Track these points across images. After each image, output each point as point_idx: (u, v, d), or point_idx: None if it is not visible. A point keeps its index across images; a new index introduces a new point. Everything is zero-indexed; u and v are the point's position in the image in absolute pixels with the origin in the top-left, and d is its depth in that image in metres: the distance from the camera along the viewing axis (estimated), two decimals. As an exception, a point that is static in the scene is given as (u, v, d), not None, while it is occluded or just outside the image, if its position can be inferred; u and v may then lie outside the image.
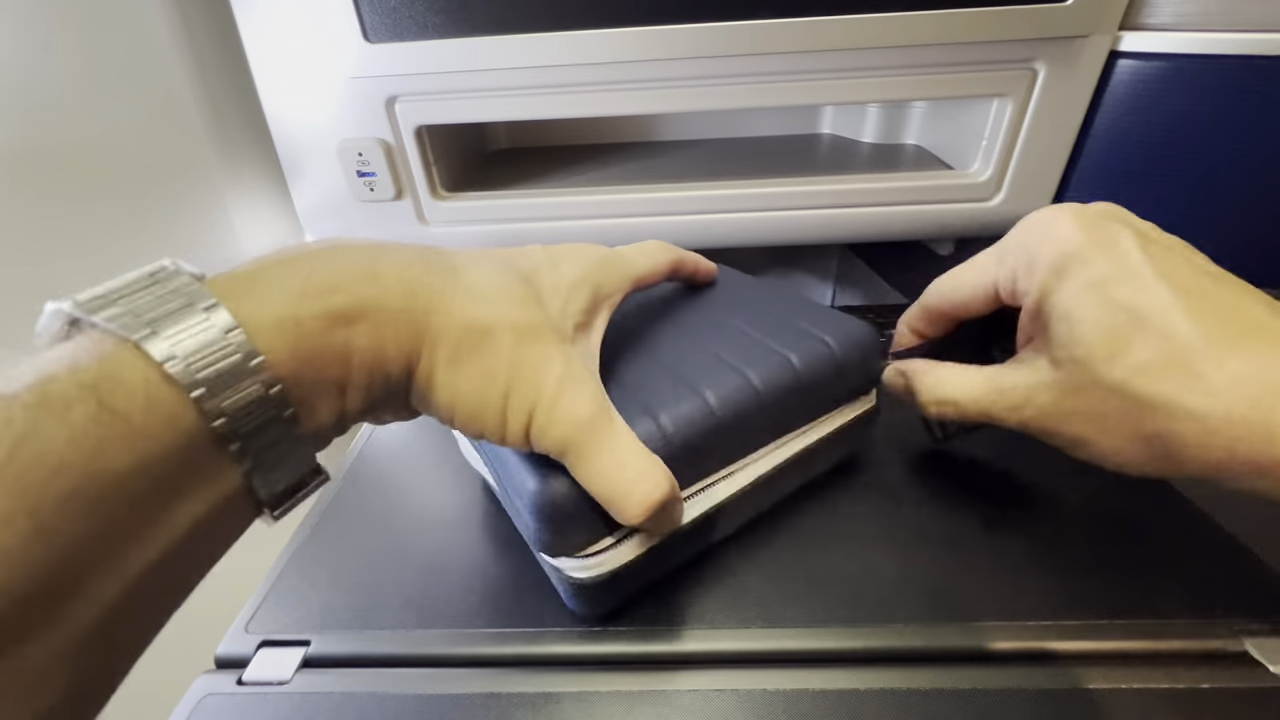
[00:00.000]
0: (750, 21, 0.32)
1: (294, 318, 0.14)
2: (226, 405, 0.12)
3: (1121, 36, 0.32)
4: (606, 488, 0.18)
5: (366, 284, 0.15)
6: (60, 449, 0.11)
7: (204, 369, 0.12)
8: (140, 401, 0.12)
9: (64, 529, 0.11)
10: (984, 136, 0.37)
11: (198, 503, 0.13)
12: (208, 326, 0.13)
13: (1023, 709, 0.19)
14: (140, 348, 0.12)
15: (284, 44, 0.34)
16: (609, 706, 0.20)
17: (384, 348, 0.15)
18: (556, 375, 0.17)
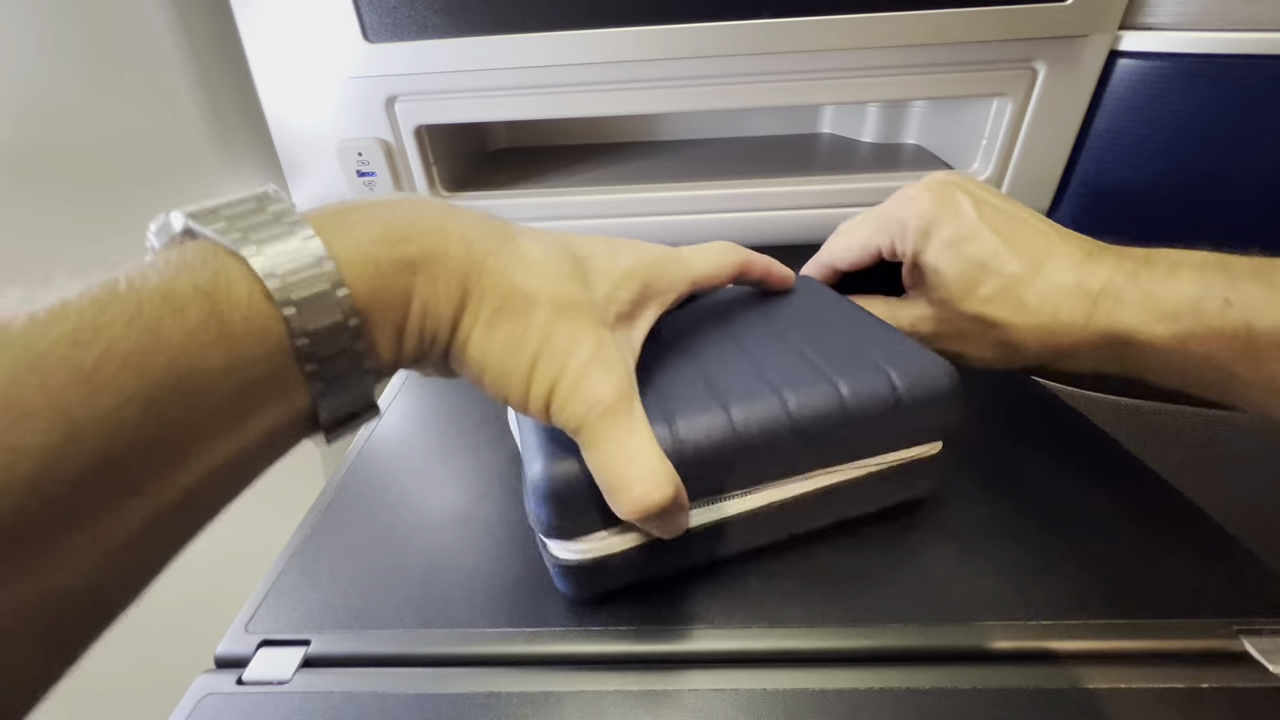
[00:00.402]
0: (750, 21, 0.32)
1: (374, 259, 0.15)
2: (311, 327, 0.14)
3: (1121, 36, 0.32)
4: (609, 477, 0.18)
5: (434, 237, 0.16)
6: (177, 341, 0.12)
7: (298, 290, 0.13)
8: (243, 310, 0.13)
9: (168, 414, 0.12)
10: (984, 136, 0.37)
11: (272, 412, 0.14)
12: (305, 253, 0.14)
13: (1022, 709, 0.19)
14: (247, 262, 0.13)
15: (284, 44, 0.34)
16: (609, 706, 0.20)
17: (438, 297, 0.16)
18: (585, 355, 0.18)
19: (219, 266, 0.13)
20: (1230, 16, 0.30)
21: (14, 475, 0.10)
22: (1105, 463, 0.29)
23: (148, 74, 0.35)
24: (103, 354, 0.11)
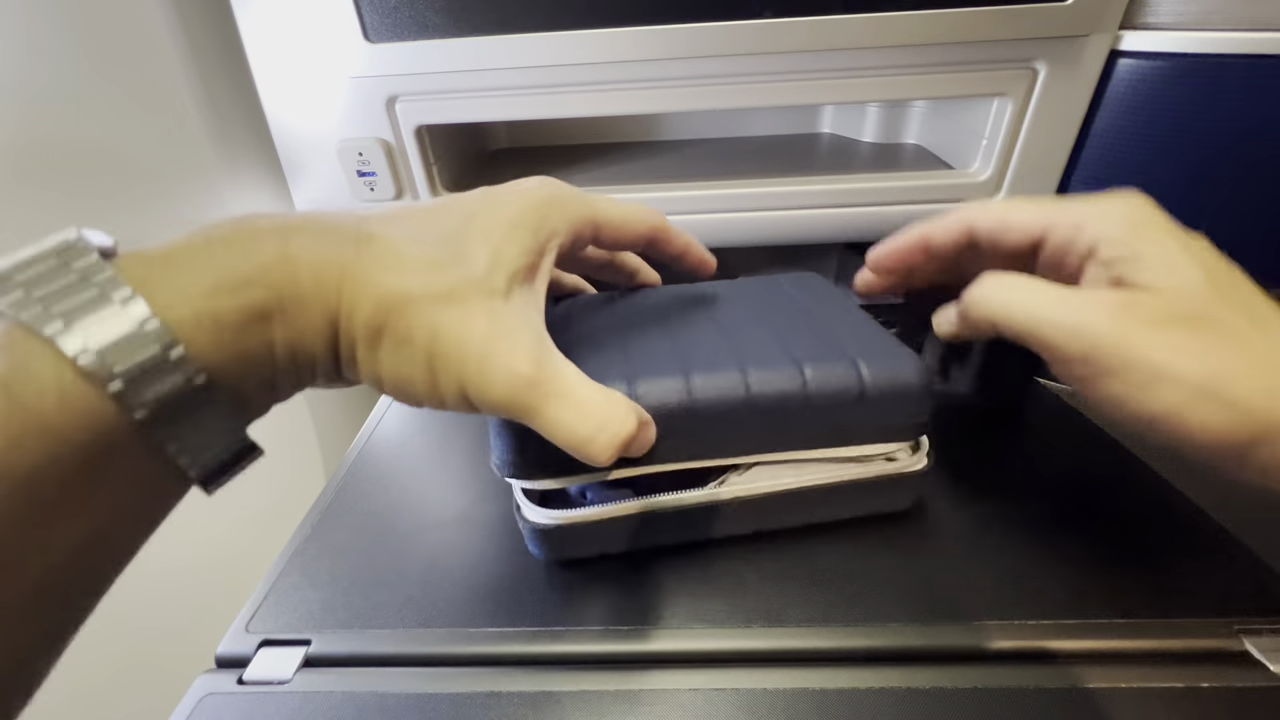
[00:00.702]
0: (750, 21, 0.32)
1: (211, 314, 0.13)
2: (148, 397, 0.12)
3: (1122, 36, 0.32)
4: (568, 439, 0.17)
5: (279, 271, 0.14)
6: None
7: (121, 362, 0.12)
8: (53, 398, 0.11)
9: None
10: (984, 136, 0.37)
11: (123, 485, 0.13)
12: (124, 318, 0.12)
13: (1023, 708, 0.19)
14: (52, 343, 0.12)
15: (284, 44, 0.34)
16: (609, 706, 0.20)
17: (303, 338, 0.15)
18: (480, 335, 0.16)
19: (15, 351, 0.11)
20: (1232, 16, 0.30)
21: None
22: (1106, 463, 0.29)
23: (148, 74, 0.35)
24: None
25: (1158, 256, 0.19)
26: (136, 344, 0.12)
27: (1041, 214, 0.22)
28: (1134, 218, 0.20)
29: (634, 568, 0.24)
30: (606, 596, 0.23)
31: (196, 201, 0.38)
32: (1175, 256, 0.19)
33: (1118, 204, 0.21)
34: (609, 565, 0.24)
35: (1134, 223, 0.20)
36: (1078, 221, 0.21)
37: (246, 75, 0.36)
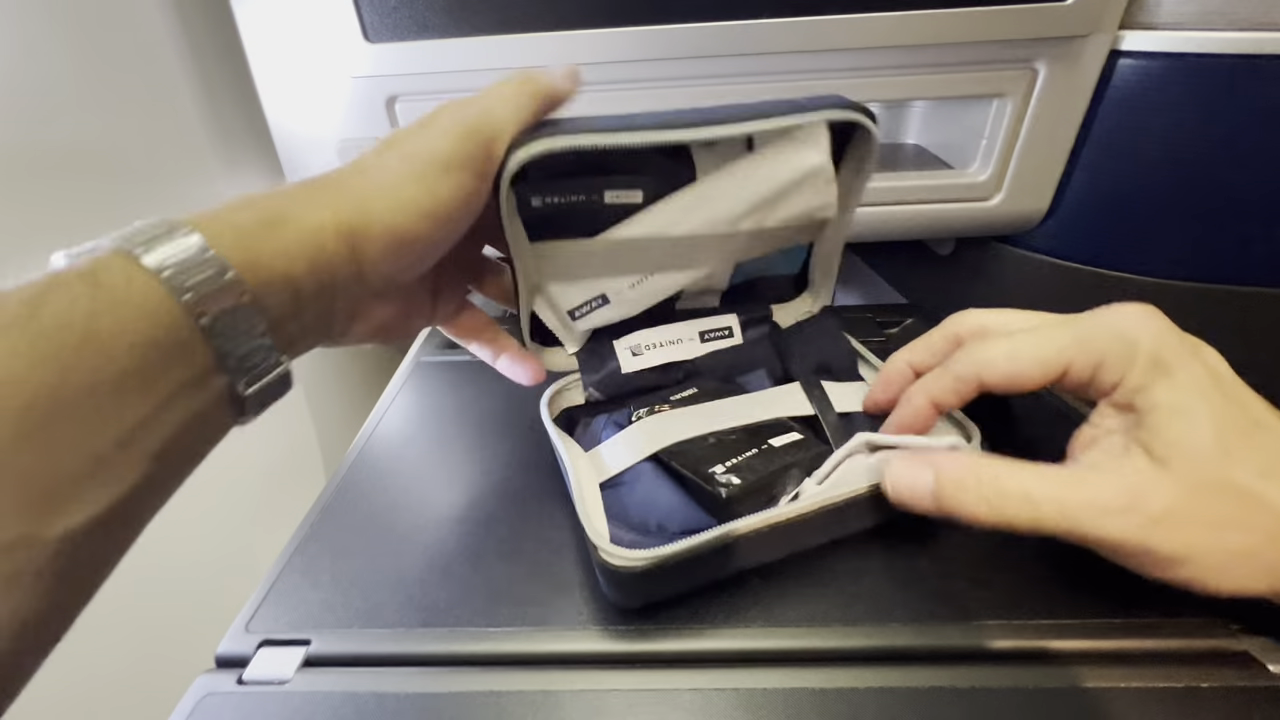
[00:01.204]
0: (750, 21, 0.32)
1: (249, 235, 0.17)
2: (211, 307, 0.15)
3: (1122, 36, 0.32)
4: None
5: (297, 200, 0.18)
6: (65, 312, 0.13)
7: (190, 278, 0.15)
8: (121, 280, 0.14)
9: (76, 368, 0.13)
10: (984, 136, 0.37)
11: (188, 400, 0.15)
12: (187, 245, 0.15)
13: (1022, 708, 0.19)
14: (138, 260, 0.15)
15: (284, 44, 0.34)
16: (609, 705, 0.20)
17: (316, 235, 0.18)
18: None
19: (114, 266, 0.14)
20: (1232, 16, 0.30)
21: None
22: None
23: (147, 74, 0.35)
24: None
25: (1169, 413, 0.19)
26: (199, 265, 0.15)
27: (1055, 355, 0.21)
28: (1148, 352, 0.20)
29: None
30: (606, 597, 0.23)
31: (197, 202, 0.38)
32: (1184, 411, 0.19)
33: (1131, 335, 0.20)
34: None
35: (1148, 361, 0.20)
36: (1096, 360, 0.20)
37: (246, 75, 0.36)
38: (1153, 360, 0.19)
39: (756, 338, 0.32)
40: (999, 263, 0.41)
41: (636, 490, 0.24)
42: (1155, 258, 0.36)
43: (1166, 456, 0.19)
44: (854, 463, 0.23)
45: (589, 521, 0.21)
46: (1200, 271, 0.35)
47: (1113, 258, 0.37)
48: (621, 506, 0.24)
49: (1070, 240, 0.38)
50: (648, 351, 0.30)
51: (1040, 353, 0.21)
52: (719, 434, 0.25)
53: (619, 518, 0.23)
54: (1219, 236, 0.34)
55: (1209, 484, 0.18)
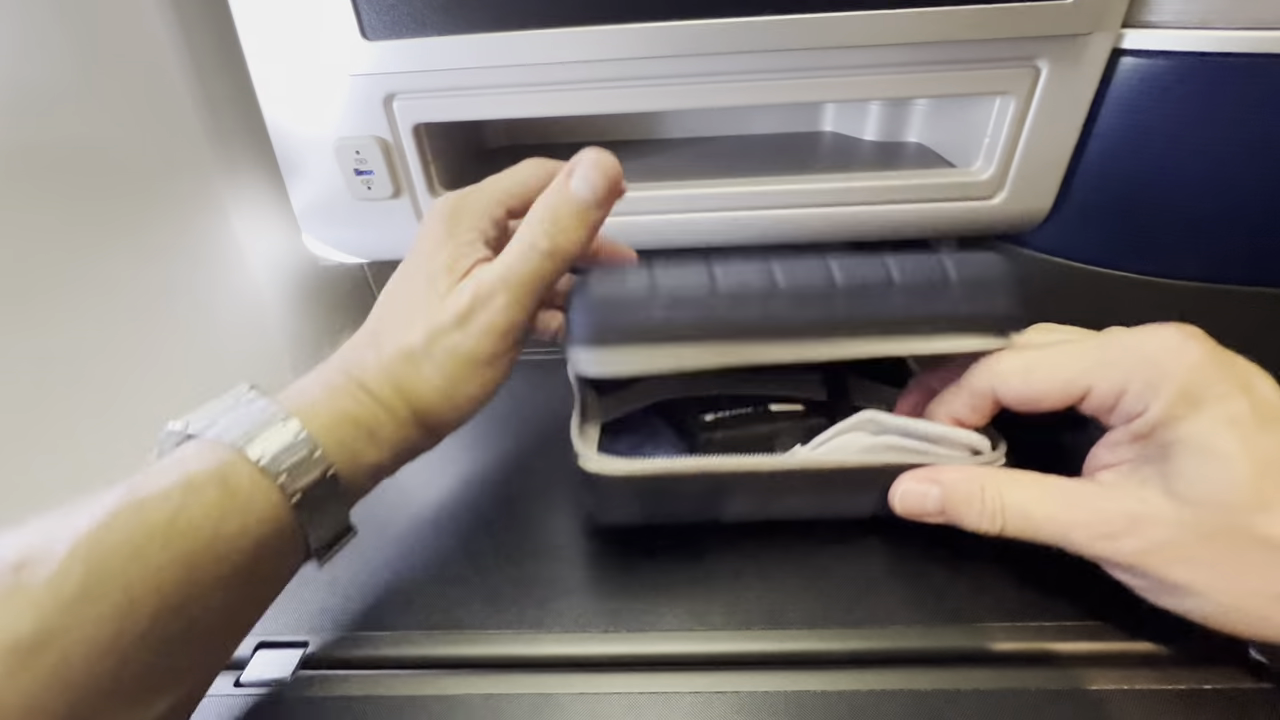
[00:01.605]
0: (752, 18, 0.32)
1: (336, 428, 0.19)
2: (301, 484, 0.18)
3: (1124, 34, 0.32)
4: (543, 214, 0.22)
5: (366, 402, 0.21)
6: (198, 516, 0.16)
7: (285, 461, 0.18)
8: (246, 484, 0.17)
9: (206, 569, 0.16)
10: (986, 134, 0.37)
11: (278, 554, 0.18)
12: (285, 432, 0.18)
13: (1023, 710, 0.19)
14: (243, 451, 0.17)
15: (281, 42, 0.34)
16: (609, 708, 0.20)
17: (382, 428, 0.20)
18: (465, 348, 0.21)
19: (223, 457, 0.17)
20: (1234, 15, 0.29)
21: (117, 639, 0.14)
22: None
23: (144, 72, 0.35)
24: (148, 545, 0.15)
25: (1196, 453, 0.17)
26: (294, 449, 0.18)
27: (1076, 377, 0.19)
28: (1178, 382, 0.18)
29: (634, 570, 0.24)
30: (607, 599, 0.23)
31: (194, 200, 0.38)
32: (1216, 453, 0.17)
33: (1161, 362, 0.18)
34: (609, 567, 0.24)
35: (1178, 392, 0.18)
36: (1119, 387, 0.19)
37: (243, 73, 0.35)
38: (1182, 392, 0.18)
39: None
40: (1000, 262, 0.41)
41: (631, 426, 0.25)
42: (1158, 257, 0.36)
43: (1186, 496, 0.17)
44: (855, 438, 0.22)
45: (578, 440, 0.22)
46: (1203, 271, 0.35)
47: (1115, 257, 0.37)
48: (615, 440, 0.25)
49: (1073, 239, 0.38)
50: None
51: (1059, 373, 0.20)
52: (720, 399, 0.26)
53: (611, 449, 0.23)
54: (1222, 236, 0.34)
55: (1231, 527, 0.17)
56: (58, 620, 0.13)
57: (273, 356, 0.42)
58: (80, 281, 0.32)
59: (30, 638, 0.13)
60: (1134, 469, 0.19)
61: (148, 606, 0.14)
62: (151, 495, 0.15)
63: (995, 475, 0.20)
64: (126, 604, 0.14)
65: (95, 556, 0.14)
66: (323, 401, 0.20)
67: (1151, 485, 0.18)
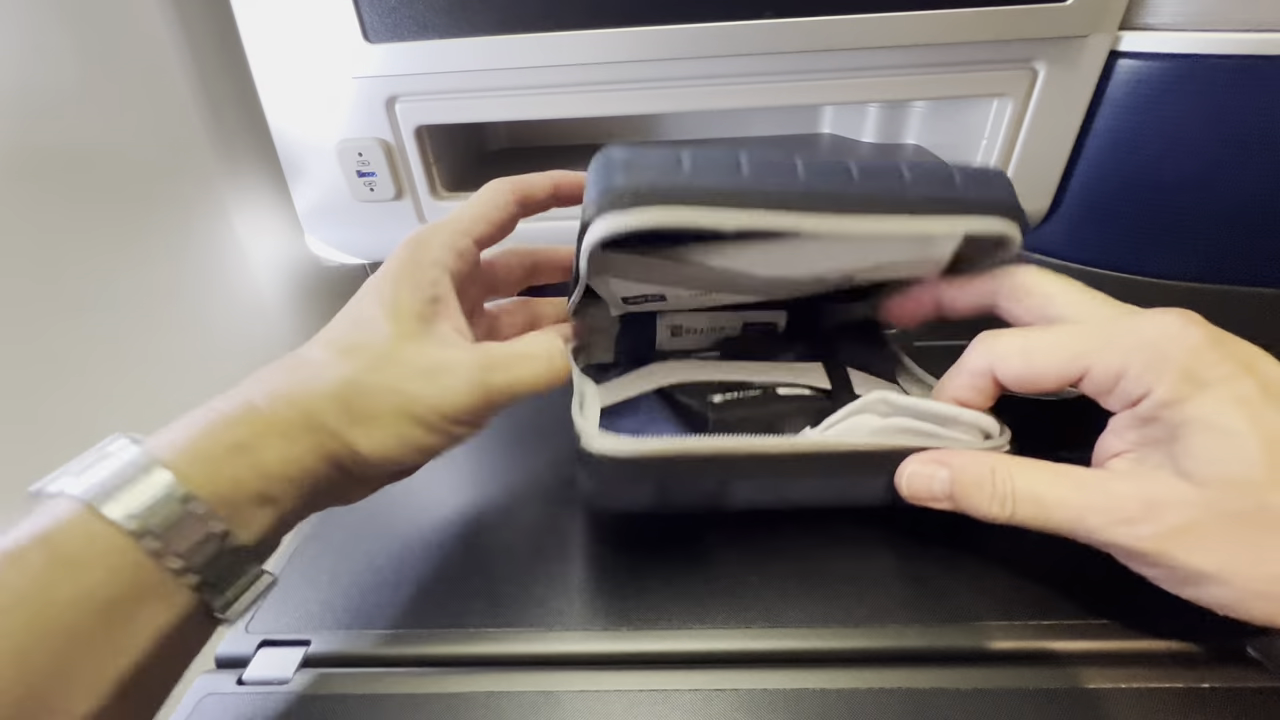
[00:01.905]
0: (750, 21, 0.32)
1: (211, 462, 0.16)
2: (181, 548, 0.15)
3: (1122, 36, 0.32)
4: (535, 384, 0.21)
5: (247, 413, 0.18)
6: (20, 586, 0.13)
7: (151, 518, 0.15)
8: (81, 544, 0.14)
9: (34, 648, 0.13)
10: (984, 136, 0.37)
11: (156, 619, 0.15)
12: (155, 486, 0.15)
13: (1023, 709, 0.19)
14: (95, 508, 0.15)
15: (284, 44, 0.34)
16: (609, 706, 0.20)
17: (289, 455, 0.17)
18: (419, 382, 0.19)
19: (60, 515, 0.14)
20: (1231, 17, 0.30)
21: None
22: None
23: (147, 74, 0.35)
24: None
25: (1206, 431, 0.17)
26: (164, 504, 0.15)
27: (1072, 358, 0.19)
28: (1180, 365, 0.18)
29: (635, 568, 0.24)
30: (606, 597, 0.23)
31: (196, 202, 0.38)
32: (1227, 431, 0.17)
33: (1161, 345, 0.18)
34: (609, 566, 0.24)
35: (1180, 374, 0.17)
36: (1117, 369, 0.18)
37: (246, 75, 0.36)
38: (1184, 373, 0.17)
39: (799, 332, 0.32)
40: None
41: (635, 413, 0.25)
42: (1156, 258, 0.36)
43: (1199, 476, 0.17)
44: (866, 420, 0.21)
45: (580, 418, 0.21)
46: (1201, 272, 0.35)
47: (1113, 258, 0.37)
48: (617, 425, 0.24)
49: (1071, 241, 0.38)
50: (688, 335, 0.31)
51: (1057, 353, 0.20)
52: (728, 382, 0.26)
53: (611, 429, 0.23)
54: (1219, 237, 0.34)
55: (1250, 508, 0.16)
56: None
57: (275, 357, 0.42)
58: (83, 282, 0.32)
59: None
60: (1144, 454, 0.19)
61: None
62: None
63: (1005, 459, 0.20)
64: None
65: None
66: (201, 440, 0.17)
67: (1164, 469, 0.18)
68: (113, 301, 0.33)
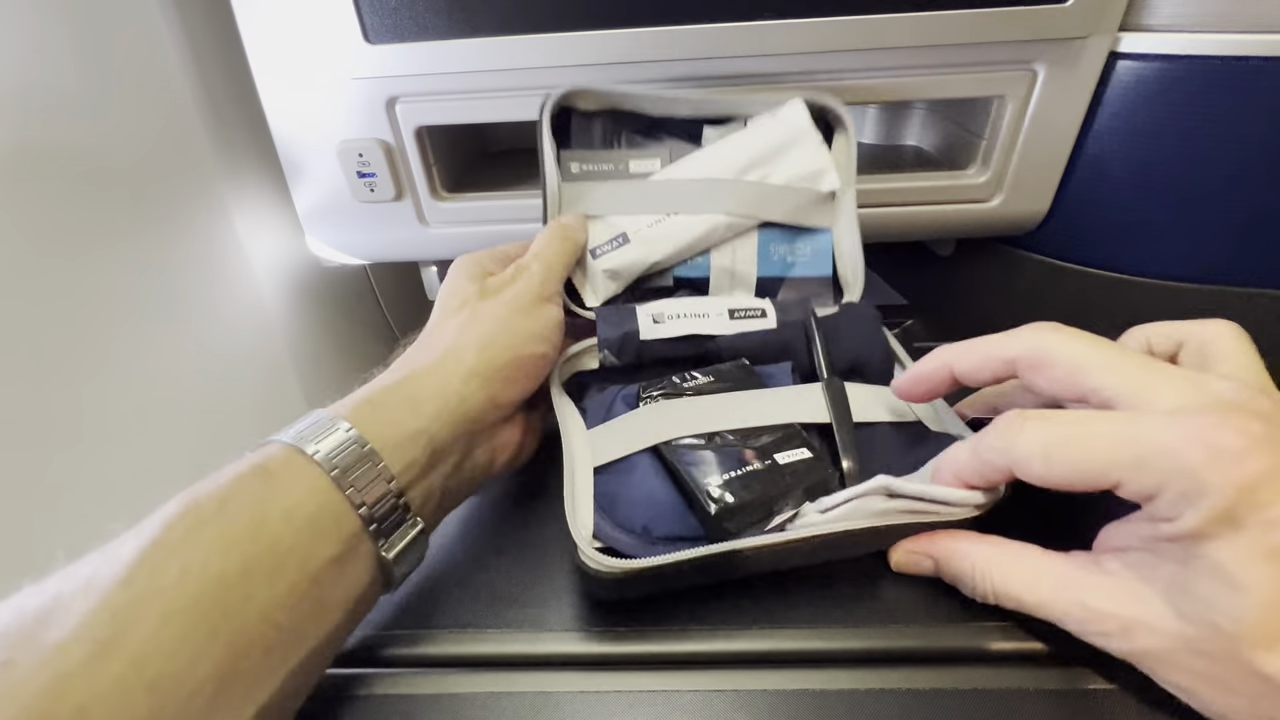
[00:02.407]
0: (750, 23, 0.32)
1: (376, 406, 0.22)
2: (369, 497, 0.19)
3: (1121, 38, 0.32)
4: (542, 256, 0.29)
5: (408, 368, 0.24)
6: (245, 503, 0.17)
7: (347, 466, 0.19)
8: (284, 469, 0.18)
9: (253, 554, 0.17)
10: (984, 138, 0.37)
11: (339, 538, 0.18)
12: (337, 430, 0.20)
13: (1024, 709, 0.19)
14: (297, 448, 0.19)
15: (285, 45, 0.35)
16: (609, 707, 0.20)
17: (433, 379, 0.23)
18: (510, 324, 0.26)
19: (276, 452, 0.19)
20: (1230, 18, 0.30)
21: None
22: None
23: (148, 75, 0.35)
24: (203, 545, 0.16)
25: (1217, 579, 0.16)
26: (355, 453, 0.19)
27: (1102, 471, 0.17)
28: (1219, 504, 0.15)
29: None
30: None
31: (197, 202, 0.38)
32: (1237, 586, 0.15)
33: (1202, 475, 0.15)
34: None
35: (1216, 514, 0.15)
36: (1151, 490, 0.16)
37: (247, 77, 0.36)
38: (1224, 513, 0.15)
39: (791, 322, 0.31)
40: (999, 264, 0.42)
41: (630, 482, 0.24)
42: (1155, 259, 0.36)
43: (1188, 614, 0.16)
44: (868, 503, 0.21)
45: (574, 516, 0.22)
46: (1200, 272, 0.35)
47: (1113, 259, 0.37)
48: (611, 498, 0.23)
49: (1070, 241, 0.38)
50: (670, 321, 0.30)
51: (1084, 464, 0.17)
52: (724, 437, 0.24)
53: (607, 510, 0.23)
54: (1218, 237, 0.34)
55: (1227, 656, 0.16)
56: (126, 613, 0.14)
57: (275, 356, 0.42)
58: (85, 283, 0.32)
59: (106, 638, 0.14)
60: (1144, 563, 0.18)
61: (206, 592, 0.15)
62: (205, 492, 0.17)
63: (985, 555, 0.20)
64: (185, 592, 0.15)
65: (157, 546, 0.15)
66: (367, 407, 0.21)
67: (1157, 589, 0.17)
68: (113, 301, 0.33)
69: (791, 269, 0.33)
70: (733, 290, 0.33)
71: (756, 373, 0.29)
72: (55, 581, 0.15)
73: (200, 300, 0.38)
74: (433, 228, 0.40)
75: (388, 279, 0.53)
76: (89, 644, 0.13)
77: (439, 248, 0.41)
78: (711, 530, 0.21)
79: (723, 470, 0.22)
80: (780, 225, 0.33)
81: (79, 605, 0.14)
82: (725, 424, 0.25)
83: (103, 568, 0.15)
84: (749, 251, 0.32)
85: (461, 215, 0.40)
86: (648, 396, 0.26)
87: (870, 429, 0.26)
